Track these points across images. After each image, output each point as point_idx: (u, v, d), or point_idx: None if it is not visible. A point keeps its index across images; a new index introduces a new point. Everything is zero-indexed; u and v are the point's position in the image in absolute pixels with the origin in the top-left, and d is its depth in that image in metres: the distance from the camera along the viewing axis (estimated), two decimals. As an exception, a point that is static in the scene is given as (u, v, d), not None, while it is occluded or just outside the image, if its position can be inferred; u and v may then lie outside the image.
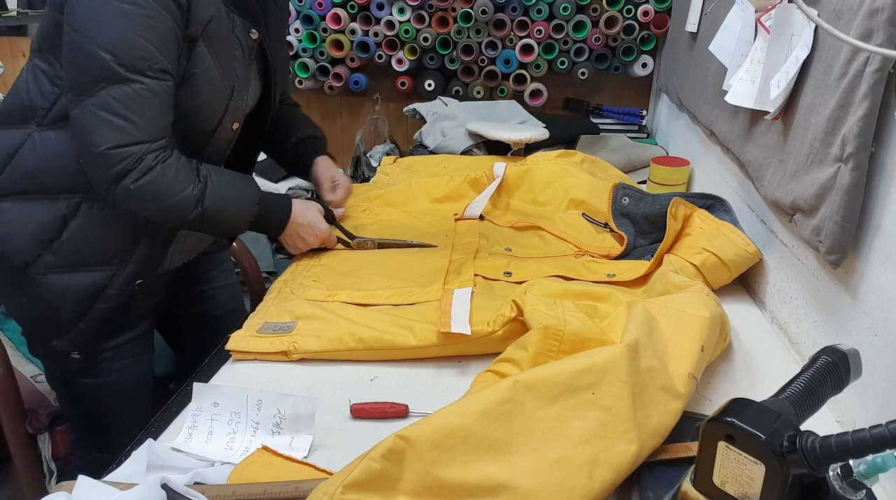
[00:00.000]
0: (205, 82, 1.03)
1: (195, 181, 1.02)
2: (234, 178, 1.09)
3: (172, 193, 1.00)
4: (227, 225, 1.10)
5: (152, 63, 0.94)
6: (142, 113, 0.95)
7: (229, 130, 1.13)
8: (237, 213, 1.08)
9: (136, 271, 1.10)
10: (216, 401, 0.77)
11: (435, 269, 1.14)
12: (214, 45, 1.02)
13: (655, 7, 1.98)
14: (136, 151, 0.95)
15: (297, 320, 0.98)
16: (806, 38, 0.90)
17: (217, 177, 1.05)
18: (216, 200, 1.04)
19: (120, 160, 0.95)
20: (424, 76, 2.14)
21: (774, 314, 1.04)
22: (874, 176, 0.76)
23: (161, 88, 0.96)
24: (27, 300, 1.08)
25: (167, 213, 1.02)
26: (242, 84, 1.10)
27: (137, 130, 0.95)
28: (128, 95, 0.93)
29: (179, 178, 1.00)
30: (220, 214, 1.05)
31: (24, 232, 1.04)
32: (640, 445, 0.65)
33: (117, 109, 0.93)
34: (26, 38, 2.57)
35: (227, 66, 1.06)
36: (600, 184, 1.42)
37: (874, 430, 0.47)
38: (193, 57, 1.00)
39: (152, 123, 0.97)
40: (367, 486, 0.58)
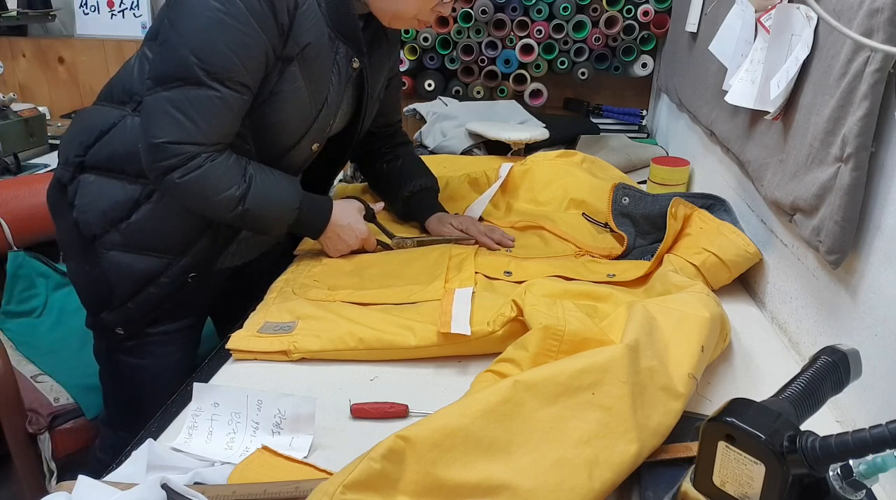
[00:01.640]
0: (291, 101, 1.06)
1: (240, 181, 1.04)
2: (279, 179, 1.10)
3: (216, 191, 1.02)
4: (268, 225, 1.11)
5: (234, 76, 0.97)
6: (207, 118, 0.98)
7: (308, 149, 1.15)
8: (278, 214, 1.10)
9: (190, 265, 1.14)
10: (216, 401, 0.77)
11: (435, 266, 1.14)
12: (309, 68, 1.05)
13: (655, 7, 1.98)
14: (190, 151, 0.98)
15: (297, 319, 0.98)
16: (806, 38, 0.90)
17: (262, 178, 1.06)
18: (258, 201, 1.05)
19: (173, 155, 0.98)
20: (424, 76, 2.14)
21: (774, 314, 1.04)
22: (874, 176, 0.76)
23: (234, 100, 0.99)
24: (88, 269, 1.14)
25: (209, 208, 1.05)
26: (331, 108, 1.13)
27: (198, 132, 0.98)
28: (200, 98, 0.97)
29: (226, 177, 1.02)
30: (260, 214, 1.07)
31: (98, 207, 1.09)
32: (640, 445, 0.65)
33: (186, 108, 0.97)
34: (26, 38, 2.58)
35: (319, 90, 1.09)
36: (600, 184, 1.42)
37: (874, 430, 0.47)
38: (285, 75, 1.03)
39: (214, 129, 0.99)
40: (367, 486, 0.58)
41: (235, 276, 1.30)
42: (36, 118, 2.09)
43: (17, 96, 2.15)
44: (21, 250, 1.65)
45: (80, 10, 2.55)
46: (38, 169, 1.97)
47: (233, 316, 1.08)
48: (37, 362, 1.45)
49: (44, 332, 1.59)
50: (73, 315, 1.64)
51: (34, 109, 2.12)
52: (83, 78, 2.57)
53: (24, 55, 2.55)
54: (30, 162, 2.03)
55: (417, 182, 1.37)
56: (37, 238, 1.69)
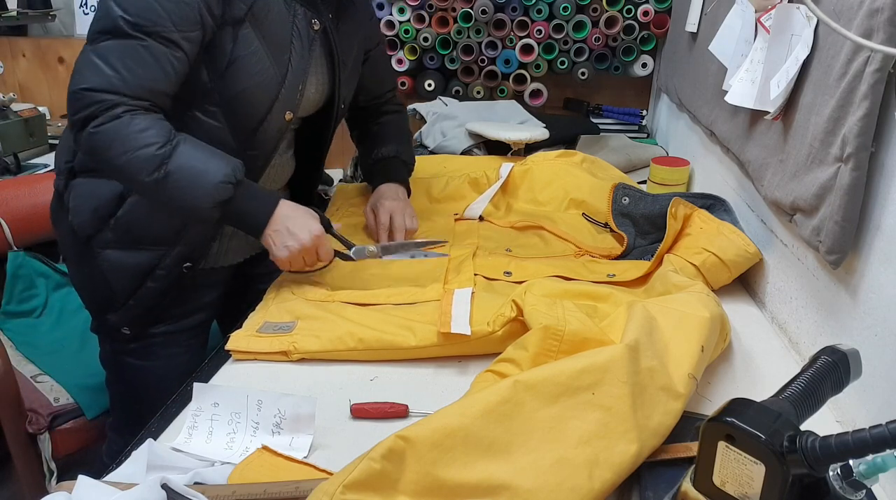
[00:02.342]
0: (251, 66, 1.02)
1: (165, 141, 0.95)
2: (214, 153, 1.00)
3: (134, 147, 0.94)
4: (191, 199, 0.97)
5: (161, 30, 0.94)
6: (130, 67, 0.94)
7: (281, 119, 1.10)
8: (205, 189, 0.97)
9: (184, 254, 1.13)
10: (216, 401, 0.77)
11: (434, 268, 1.14)
12: (263, 30, 1.02)
13: (655, 7, 1.98)
14: (109, 99, 0.93)
15: (297, 319, 0.98)
16: (806, 38, 0.90)
17: (193, 146, 0.98)
18: (183, 168, 0.96)
19: (91, 103, 0.94)
20: (424, 76, 2.14)
21: (774, 314, 1.03)
22: (874, 176, 0.76)
23: (161, 54, 0.95)
24: (88, 272, 1.14)
25: (125, 168, 0.95)
26: (297, 74, 1.08)
27: (120, 80, 0.94)
28: (124, 48, 0.93)
29: (147, 133, 0.95)
30: (183, 184, 0.96)
31: (89, 207, 1.10)
32: (640, 445, 0.65)
33: (108, 58, 0.94)
34: (26, 38, 2.57)
35: (280, 53, 1.05)
36: (600, 184, 1.42)
37: (874, 430, 0.47)
38: (239, 39, 1.00)
39: (139, 81, 0.94)
40: (367, 486, 0.58)
41: (238, 276, 1.30)
42: (36, 118, 2.09)
43: (17, 96, 2.15)
44: (21, 250, 1.65)
45: (80, 10, 2.55)
46: (38, 169, 1.97)
47: (237, 318, 1.07)
48: (37, 362, 1.45)
49: (44, 332, 1.59)
50: (73, 315, 1.64)
51: (34, 109, 2.13)
52: (83, 78, 2.56)
53: (24, 55, 2.55)
54: (30, 162, 2.03)
55: (385, 149, 1.36)
56: (37, 238, 1.69)
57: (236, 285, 1.31)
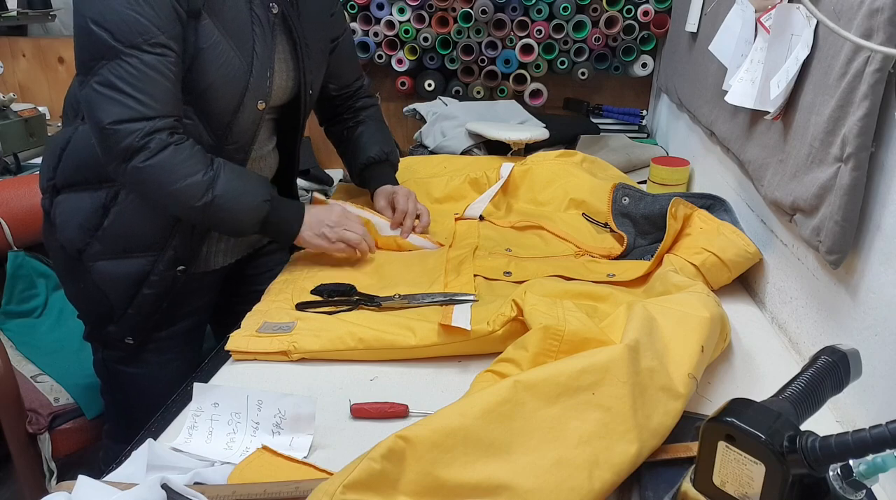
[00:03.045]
0: (215, 58, 1.01)
1: (207, 167, 1.00)
2: (246, 172, 1.07)
3: (183, 176, 0.98)
4: (237, 219, 1.06)
5: (148, 37, 0.93)
6: (142, 89, 0.94)
7: (254, 109, 1.09)
8: (248, 206, 1.05)
9: (176, 258, 1.13)
10: (216, 401, 0.77)
11: (434, 269, 1.14)
12: (222, 19, 1.01)
13: (655, 7, 1.98)
14: (141, 128, 0.95)
15: (296, 319, 0.98)
16: (806, 38, 0.90)
17: (230, 168, 1.04)
18: (227, 190, 1.02)
19: (126, 136, 0.95)
20: (424, 76, 2.14)
21: (774, 314, 1.03)
22: (874, 176, 0.76)
23: (161, 64, 0.95)
24: (83, 287, 1.14)
25: (176, 197, 1.00)
26: (263, 62, 1.07)
27: (141, 105, 0.95)
28: (127, 72, 0.93)
29: (192, 161, 0.99)
30: (230, 204, 1.03)
31: (75, 222, 1.10)
32: (640, 445, 0.65)
33: (118, 86, 0.94)
34: (26, 38, 2.57)
35: (242, 42, 1.04)
36: (600, 184, 1.42)
37: (874, 430, 0.47)
38: (200, 31, 0.99)
39: (155, 98, 0.96)
40: (367, 486, 0.58)
41: (230, 278, 1.29)
42: (36, 118, 2.09)
43: (17, 96, 2.15)
44: (21, 250, 1.65)
45: (80, 10, 2.55)
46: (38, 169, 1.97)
47: (229, 320, 1.07)
48: (37, 362, 1.45)
49: (44, 332, 1.59)
50: (73, 315, 1.62)
51: (34, 109, 2.12)
52: (83, 78, 2.56)
53: (24, 55, 2.55)
54: (30, 162, 2.03)
55: (370, 153, 1.36)
56: (37, 238, 1.68)
57: (228, 287, 1.31)
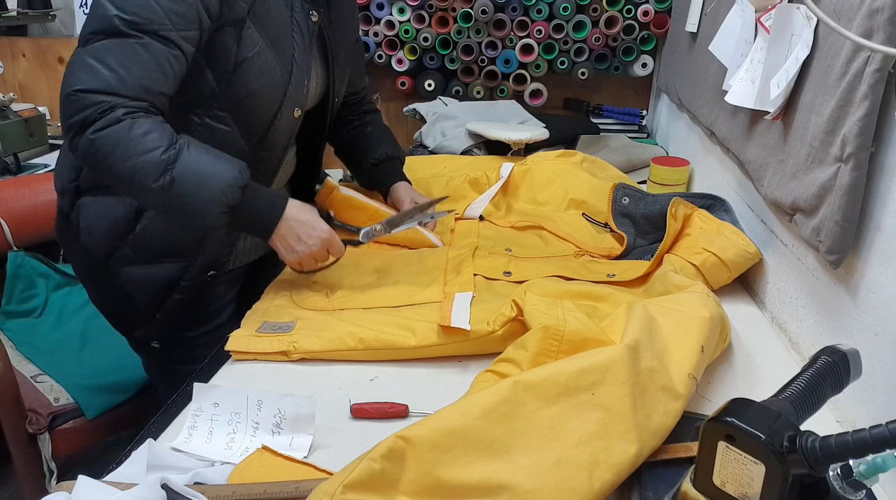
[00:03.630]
0: (259, 66, 1.01)
1: (168, 145, 0.91)
2: (219, 156, 0.96)
3: (137, 152, 0.89)
4: (199, 206, 0.93)
5: (158, 28, 0.90)
6: (127, 66, 0.89)
7: (290, 117, 1.09)
8: (213, 193, 0.93)
9: (207, 263, 1.12)
10: (216, 401, 0.77)
11: (433, 268, 1.14)
12: (266, 28, 1.01)
13: (655, 7, 1.98)
14: (106, 101, 0.88)
15: (296, 319, 0.98)
16: (806, 38, 0.90)
17: (197, 149, 0.94)
18: (189, 172, 0.91)
19: (88, 105, 0.88)
20: (424, 76, 2.14)
21: (774, 314, 1.03)
22: (874, 176, 0.76)
23: (159, 52, 0.91)
24: (109, 291, 1.13)
25: (128, 176, 0.90)
26: (302, 69, 1.07)
27: (116, 80, 0.88)
28: (119, 46, 0.89)
29: (150, 137, 0.90)
30: (190, 189, 0.92)
31: (103, 226, 1.07)
32: (639, 445, 0.65)
33: (103, 57, 0.89)
34: (26, 38, 2.57)
35: (283, 50, 1.04)
36: (600, 184, 1.42)
37: (874, 430, 0.47)
38: (243, 40, 0.98)
39: (136, 79, 0.90)
40: (367, 486, 0.58)
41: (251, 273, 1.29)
42: (36, 118, 2.09)
43: (17, 96, 2.15)
44: (21, 250, 1.65)
45: (80, 10, 2.55)
46: (38, 169, 1.97)
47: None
48: (37, 362, 1.45)
49: (44, 332, 1.59)
50: (73, 315, 1.64)
51: (34, 109, 2.12)
52: (83, 78, 2.56)
53: (24, 55, 2.55)
54: (30, 162, 2.03)
55: (383, 150, 1.35)
56: (37, 238, 1.69)
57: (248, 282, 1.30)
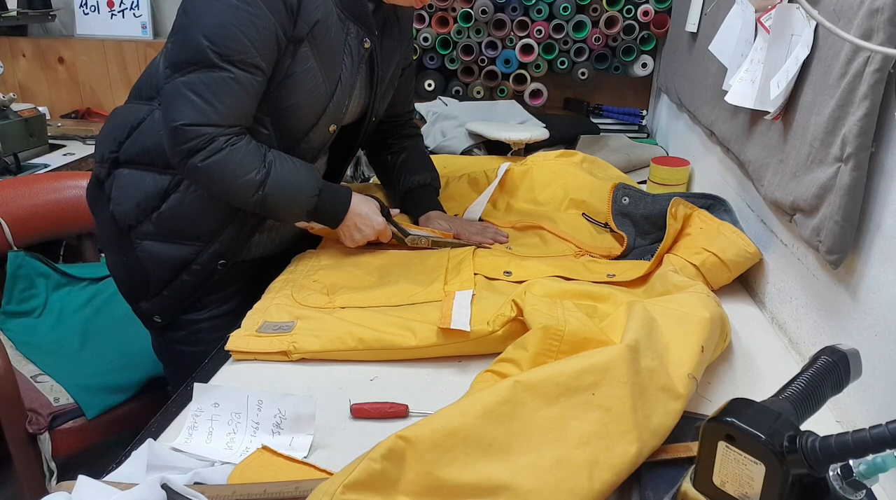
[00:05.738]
0: (305, 82, 1.08)
1: (260, 166, 1.06)
2: (298, 167, 1.11)
3: (237, 176, 1.05)
4: (288, 211, 1.13)
5: (245, 57, 1.00)
6: (223, 99, 1.01)
7: (325, 131, 1.17)
8: (297, 200, 1.11)
9: (220, 252, 1.18)
10: (216, 401, 0.77)
11: (434, 267, 1.14)
12: (320, 48, 1.08)
13: (655, 7, 1.98)
14: (209, 132, 1.02)
15: (296, 319, 0.98)
16: (806, 38, 0.90)
17: (281, 164, 1.09)
18: (277, 187, 1.07)
19: (193, 138, 1.01)
20: (424, 76, 2.14)
21: (774, 314, 1.03)
22: (874, 176, 0.76)
23: (248, 82, 1.02)
24: (125, 260, 1.19)
25: (230, 193, 1.08)
26: (345, 89, 1.15)
27: (215, 113, 1.01)
28: (215, 81, 1.00)
29: (246, 161, 1.05)
30: (280, 199, 1.09)
31: (132, 199, 1.14)
32: (639, 446, 0.65)
33: (201, 91, 1.00)
34: (26, 38, 2.58)
35: (332, 70, 1.11)
36: (600, 184, 1.42)
37: (874, 430, 0.47)
38: (297, 56, 1.06)
39: (231, 110, 1.02)
40: (367, 486, 0.58)
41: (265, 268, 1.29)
42: (36, 118, 2.09)
43: (17, 96, 2.15)
44: (21, 250, 1.65)
45: (80, 10, 2.55)
46: (38, 169, 1.97)
47: None
48: (37, 362, 1.45)
49: (44, 332, 1.59)
50: (73, 315, 1.64)
51: (34, 109, 2.13)
52: (83, 78, 2.57)
53: (24, 55, 2.56)
54: (30, 162, 2.03)
55: (415, 178, 1.39)
56: (37, 238, 1.69)
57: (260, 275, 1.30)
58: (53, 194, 1.70)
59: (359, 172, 1.99)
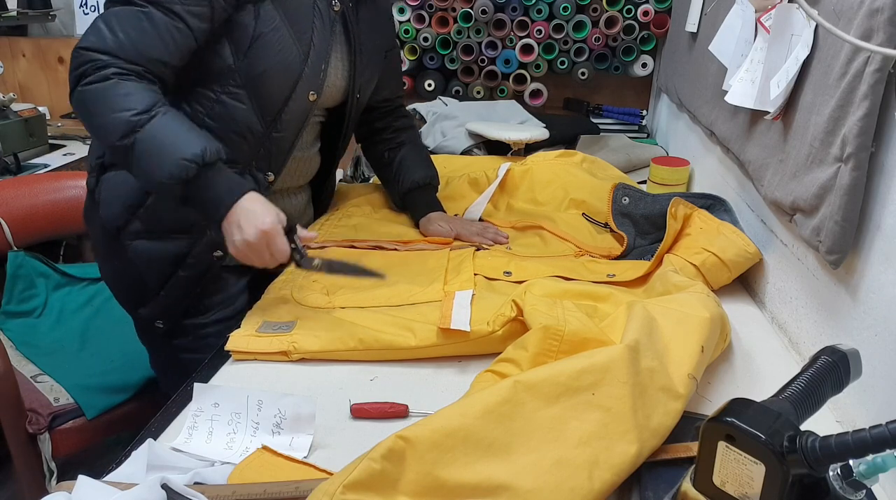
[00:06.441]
0: (274, 43, 1.05)
1: (144, 109, 0.94)
2: (192, 131, 0.97)
3: (112, 109, 0.94)
4: (153, 171, 0.95)
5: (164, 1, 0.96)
6: (127, 32, 0.96)
7: (305, 99, 1.12)
8: (168, 163, 0.94)
9: (214, 242, 1.13)
10: (216, 401, 0.77)
11: (434, 268, 1.14)
12: (284, 6, 1.05)
13: (655, 7, 1.98)
14: (102, 59, 0.95)
15: (296, 319, 0.98)
16: (806, 38, 0.90)
17: (173, 120, 0.96)
18: (153, 138, 0.94)
19: (86, 62, 0.95)
20: (424, 76, 2.14)
21: (774, 314, 1.04)
22: (874, 176, 0.76)
23: (164, 25, 0.97)
24: (119, 265, 1.17)
25: (101, 129, 0.97)
26: (320, 54, 1.11)
27: (115, 42, 0.96)
28: (127, 14, 0.96)
29: (129, 99, 0.95)
30: (149, 154, 0.94)
31: (118, 199, 1.12)
32: (639, 446, 0.65)
33: (109, 21, 0.96)
34: (26, 38, 2.58)
35: (303, 32, 1.08)
36: (600, 184, 1.42)
37: (874, 430, 0.47)
38: (261, 15, 1.03)
39: (134, 45, 0.96)
40: (368, 486, 0.58)
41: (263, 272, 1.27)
42: (36, 118, 2.09)
43: (17, 96, 2.15)
44: (21, 250, 1.65)
45: (80, 10, 2.55)
46: (38, 169, 1.97)
47: None
48: (37, 362, 1.45)
49: (44, 332, 1.59)
50: (73, 315, 1.64)
51: (34, 109, 2.13)
52: (83, 78, 2.56)
53: (24, 55, 2.55)
54: (30, 162, 2.03)
55: (414, 178, 1.37)
56: (37, 238, 1.69)
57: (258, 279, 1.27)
58: (53, 194, 1.70)
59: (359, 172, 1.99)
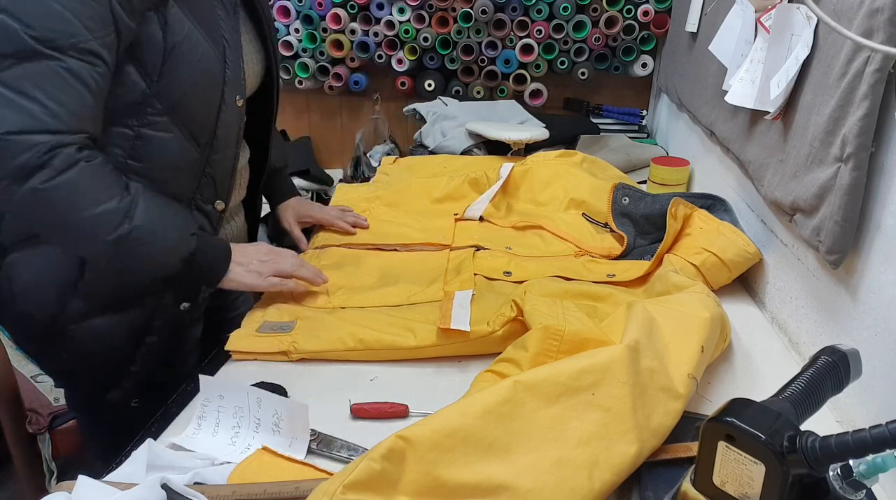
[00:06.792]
0: (191, 52, 0.88)
1: (123, 192, 0.83)
2: (166, 200, 0.90)
3: (96, 201, 0.80)
4: (157, 256, 0.87)
5: (76, 41, 0.77)
6: (55, 96, 0.77)
7: (234, 107, 0.98)
8: (172, 240, 0.87)
9: (178, 295, 1.00)
10: (221, 394, 0.77)
11: (434, 268, 1.14)
12: (189, 4, 0.89)
13: (655, 7, 1.98)
14: (44, 142, 0.76)
15: (296, 319, 0.98)
16: (806, 38, 0.90)
17: (149, 195, 0.87)
18: (148, 219, 0.84)
19: (23, 150, 0.76)
20: (424, 76, 2.14)
21: (774, 314, 1.04)
22: (874, 176, 0.76)
23: (87, 74, 0.79)
24: (66, 357, 0.97)
25: (84, 227, 0.81)
26: (234, 48, 0.96)
27: (49, 115, 0.77)
28: (40, 73, 0.76)
29: (105, 183, 0.82)
30: (150, 237, 0.85)
31: (42, 281, 0.92)
32: (639, 446, 0.65)
33: (24, 89, 0.75)
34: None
35: (212, 29, 0.92)
36: (600, 184, 1.42)
37: (874, 430, 0.47)
38: (170, 23, 0.86)
39: (69, 111, 0.78)
40: (368, 486, 0.58)
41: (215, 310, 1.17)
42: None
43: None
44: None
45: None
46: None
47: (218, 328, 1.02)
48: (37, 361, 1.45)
49: (44, 332, 1.59)
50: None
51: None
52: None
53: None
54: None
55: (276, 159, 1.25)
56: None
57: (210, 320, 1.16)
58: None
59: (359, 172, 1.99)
